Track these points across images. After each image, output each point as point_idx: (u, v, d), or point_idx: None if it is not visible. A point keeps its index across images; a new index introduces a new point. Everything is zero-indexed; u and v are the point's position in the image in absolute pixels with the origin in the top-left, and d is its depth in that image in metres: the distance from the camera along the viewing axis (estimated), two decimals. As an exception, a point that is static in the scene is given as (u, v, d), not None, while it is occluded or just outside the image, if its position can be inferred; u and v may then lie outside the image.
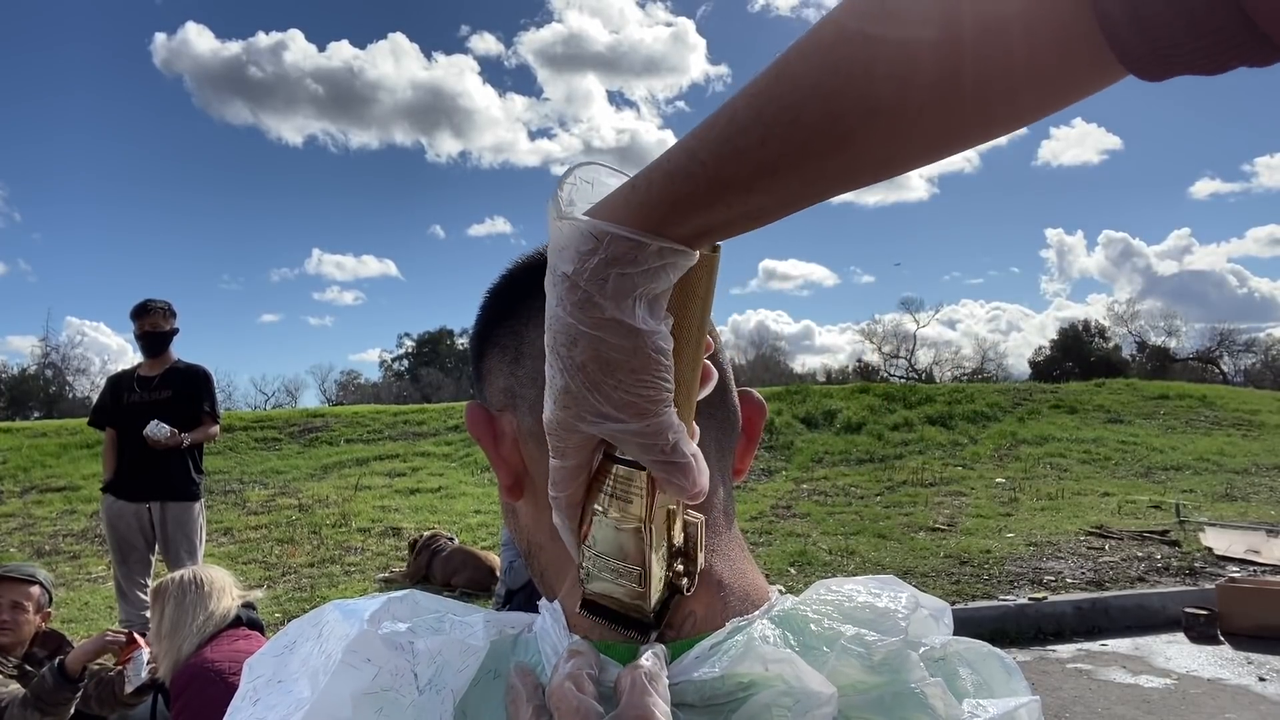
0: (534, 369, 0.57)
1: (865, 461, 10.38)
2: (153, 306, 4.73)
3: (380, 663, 0.47)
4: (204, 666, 2.24)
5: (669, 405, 0.44)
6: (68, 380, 37.18)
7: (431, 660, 0.48)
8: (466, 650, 0.48)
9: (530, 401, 0.57)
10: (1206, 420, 12.28)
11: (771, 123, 0.40)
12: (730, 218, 0.43)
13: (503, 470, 0.59)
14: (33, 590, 3.03)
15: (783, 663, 0.45)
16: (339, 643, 0.48)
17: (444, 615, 0.51)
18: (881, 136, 0.39)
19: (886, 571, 6.24)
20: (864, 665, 0.47)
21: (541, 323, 0.56)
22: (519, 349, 0.58)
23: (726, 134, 0.41)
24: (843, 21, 0.39)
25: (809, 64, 0.39)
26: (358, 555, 7.19)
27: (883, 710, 0.46)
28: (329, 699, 0.46)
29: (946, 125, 0.39)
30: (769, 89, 0.40)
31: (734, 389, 0.61)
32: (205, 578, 2.45)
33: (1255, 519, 7.42)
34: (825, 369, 46.86)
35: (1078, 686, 4.46)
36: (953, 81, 0.38)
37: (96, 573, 6.83)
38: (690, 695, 0.46)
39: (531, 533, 0.59)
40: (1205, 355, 39.51)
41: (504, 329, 0.59)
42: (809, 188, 0.42)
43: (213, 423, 4.84)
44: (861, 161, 0.40)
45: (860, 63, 0.38)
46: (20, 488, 9.72)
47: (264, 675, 0.50)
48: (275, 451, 11.29)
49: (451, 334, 50.74)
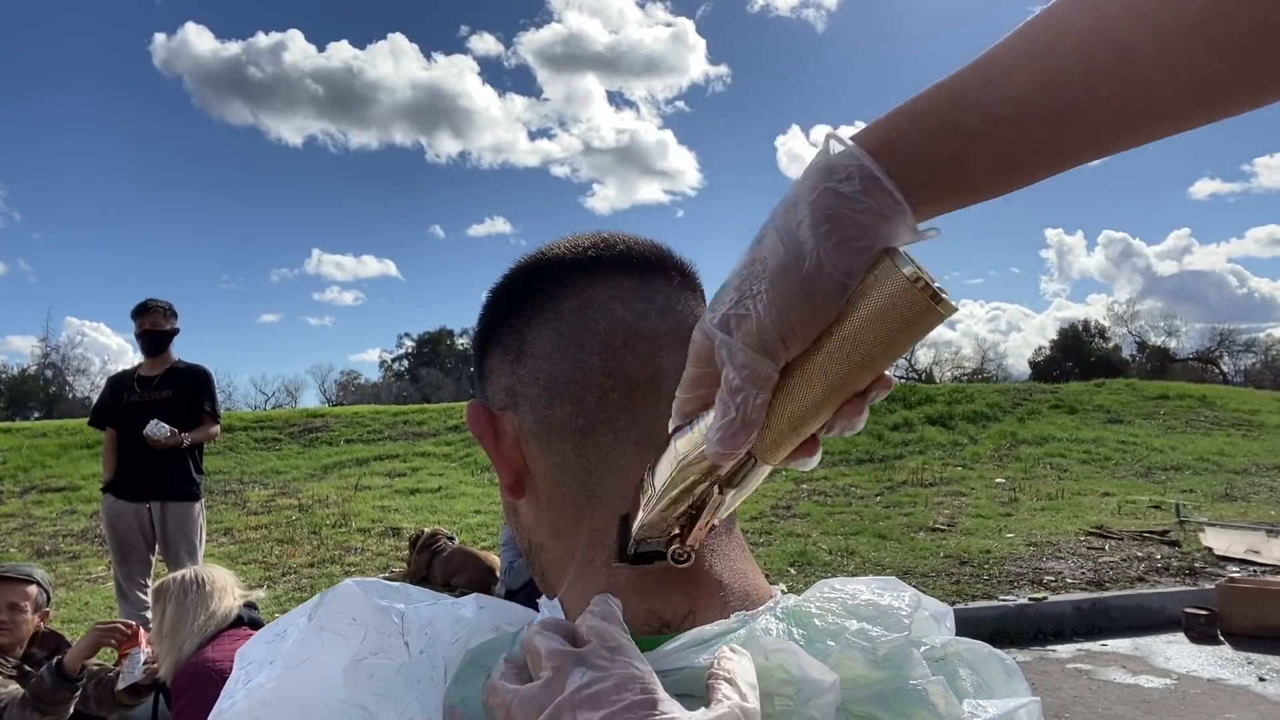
0: (535, 368, 0.57)
1: (865, 461, 10.38)
2: (153, 306, 4.73)
3: (366, 621, 0.47)
4: (205, 666, 2.25)
5: (780, 359, 0.41)
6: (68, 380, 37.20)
7: (423, 632, 0.48)
8: (459, 621, 0.49)
9: (531, 400, 0.57)
10: (1206, 420, 12.28)
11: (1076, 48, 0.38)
12: (983, 167, 0.41)
13: (503, 468, 0.59)
14: (30, 590, 3.03)
15: (782, 652, 0.45)
16: (331, 613, 0.49)
17: (437, 599, 0.51)
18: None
19: (886, 571, 6.23)
20: (868, 660, 0.47)
21: (542, 323, 0.57)
22: (521, 348, 0.58)
23: (1022, 63, 0.39)
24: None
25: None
26: (358, 555, 7.19)
27: (885, 705, 0.46)
28: (317, 668, 0.46)
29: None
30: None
31: None
32: (206, 577, 2.45)
33: (1255, 519, 7.41)
34: (825, 369, 46.83)
35: (1078, 687, 4.46)
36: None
37: (96, 573, 6.83)
38: (687, 686, 0.46)
39: (532, 531, 0.60)
40: (1205, 355, 39.51)
41: (506, 328, 0.59)
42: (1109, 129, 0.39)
43: (213, 422, 4.84)
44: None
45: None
46: (20, 488, 9.72)
47: (256, 660, 0.50)
48: (275, 451, 11.29)
49: (451, 334, 50.78)
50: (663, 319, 0.57)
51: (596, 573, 0.53)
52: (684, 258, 0.62)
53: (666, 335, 0.56)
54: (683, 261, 0.61)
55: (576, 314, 0.56)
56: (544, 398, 0.56)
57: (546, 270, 0.59)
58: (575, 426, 0.55)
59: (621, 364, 0.55)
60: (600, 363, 0.55)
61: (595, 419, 0.55)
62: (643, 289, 0.57)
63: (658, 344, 0.56)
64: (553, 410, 0.56)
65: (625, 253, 0.59)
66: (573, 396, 0.55)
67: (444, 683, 0.47)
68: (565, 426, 0.55)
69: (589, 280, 0.57)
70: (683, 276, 0.60)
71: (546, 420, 0.56)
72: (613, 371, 0.55)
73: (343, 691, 0.45)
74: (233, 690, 0.49)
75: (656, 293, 0.58)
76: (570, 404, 0.55)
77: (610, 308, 0.56)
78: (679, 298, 0.58)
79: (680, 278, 0.60)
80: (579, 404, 0.55)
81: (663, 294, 0.58)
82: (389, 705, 0.45)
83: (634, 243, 0.60)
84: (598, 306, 0.56)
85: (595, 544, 0.54)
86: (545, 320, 0.57)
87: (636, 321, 0.56)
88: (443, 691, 0.46)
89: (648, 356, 0.55)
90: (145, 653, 2.80)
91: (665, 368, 0.55)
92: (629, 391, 0.55)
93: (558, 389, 0.56)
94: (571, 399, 0.55)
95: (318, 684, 0.46)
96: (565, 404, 0.55)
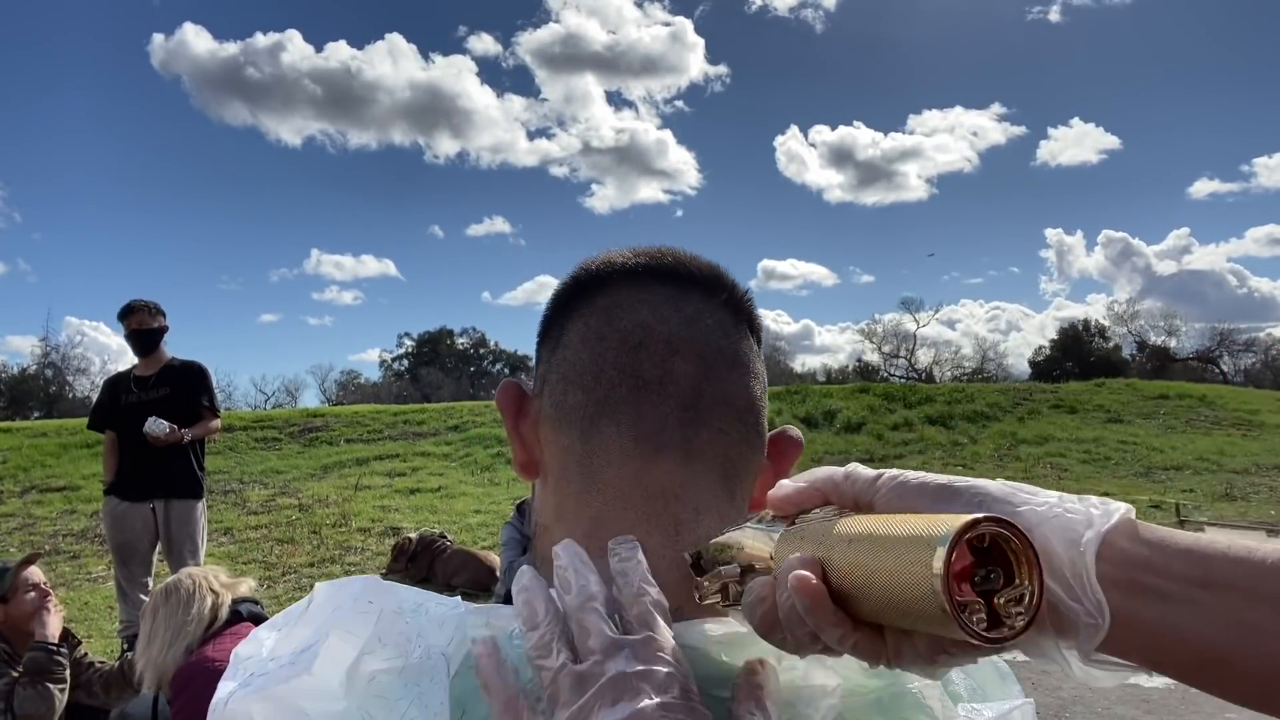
0: (562, 357, 0.60)
1: (865, 461, 10.36)
2: (138, 305, 4.72)
3: (366, 622, 0.47)
4: (204, 664, 2.25)
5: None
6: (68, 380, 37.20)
7: (420, 633, 0.48)
8: (446, 621, 0.49)
9: (552, 386, 0.60)
10: (1206, 420, 12.28)
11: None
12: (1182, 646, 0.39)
13: (518, 446, 0.62)
14: (37, 569, 3.10)
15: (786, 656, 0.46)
16: (327, 614, 0.49)
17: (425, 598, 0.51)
18: None
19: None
20: (863, 668, 0.47)
21: (577, 317, 0.61)
22: (559, 339, 0.61)
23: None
24: None
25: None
26: (358, 555, 7.19)
27: (881, 711, 0.47)
28: (315, 668, 0.46)
29: None
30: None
31: (764, 416, 0.62)
32: (175, 585, 2.46)
33: (1255, 519, 7.42)
34: (825, 369, 46.92)
35: (1077, 686, 4.46)
36: None
37: (96, 573, 6.84)
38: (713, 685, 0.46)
39: (540, 514, 0.62)
40: (1205, 355, 39.53)
41: (553, 323, 0.63)
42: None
43: (213, 417, 4.83)
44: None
45: None
46: (20, 488, 9.73)
47: (254, 655, 0.50)
48: (275, 451, 11.29)
49: (451, 334, 50.79)
50: (685, 327, 0.58)
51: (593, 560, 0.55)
52: (741, 285, 0.64)
53: (684, 342, 0.58)
54: (734, 285, 0.63)
55: (605, 311, 0.59)
56: (561, 384, 0.59)
57: (595, 271, 0.62)
58: (583, 414, 0.57)
59: (635, 361, 0.57)
60: (615, 357, 0.57)
61: (602, 409, 0.57)
62: (676, 298, 0.60)
63: (673, 349, 0.57)
64: (567, 397, 0.58)
65: (674, 265, 0.61)
66: (584, 385, 0.58)
67: (446, 678, 0.47)
68: (575, 414, 0.58)
69: (627, 283, 0.60)
70: (730, 299, 0.62)
71: (560, 406, 0.59)
72: (624, 367, 0.57)
73: (341, 694, 0.45)
74: (227, 688, 0.49)
75: (689, 304, 0.60)
76: (582, 392, 0.58)
77: (636, 309, 0.59)
78: (713, 314, 0.60)
79: (727, 298, 0.62)
80: (589, 393, 0.57)
81: (694, 306, 0.60)
82: (389, 708, 0.46)
83: (689, 259, 0.62)
84: (626, 306, 0.59)
85: (593, 532, 0.55)
86: (580, 315, 0.60)
87: (658, 324, 0.58)
88: (445, 689, 0.47)
89: (661, 359, 0.57)
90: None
91: (675, 372, 0.57)
92: (637, 388, 0.57)
93: (574, 377, 0.58)
94: (583, 388, 0.58)
95: (314, 685, 0.46)
96: (577, 392, 0.58)
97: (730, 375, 0.59)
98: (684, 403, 0.56)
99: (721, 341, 0.59)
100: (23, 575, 2.99)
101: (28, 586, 2.98)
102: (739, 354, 0.60)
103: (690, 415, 0.56)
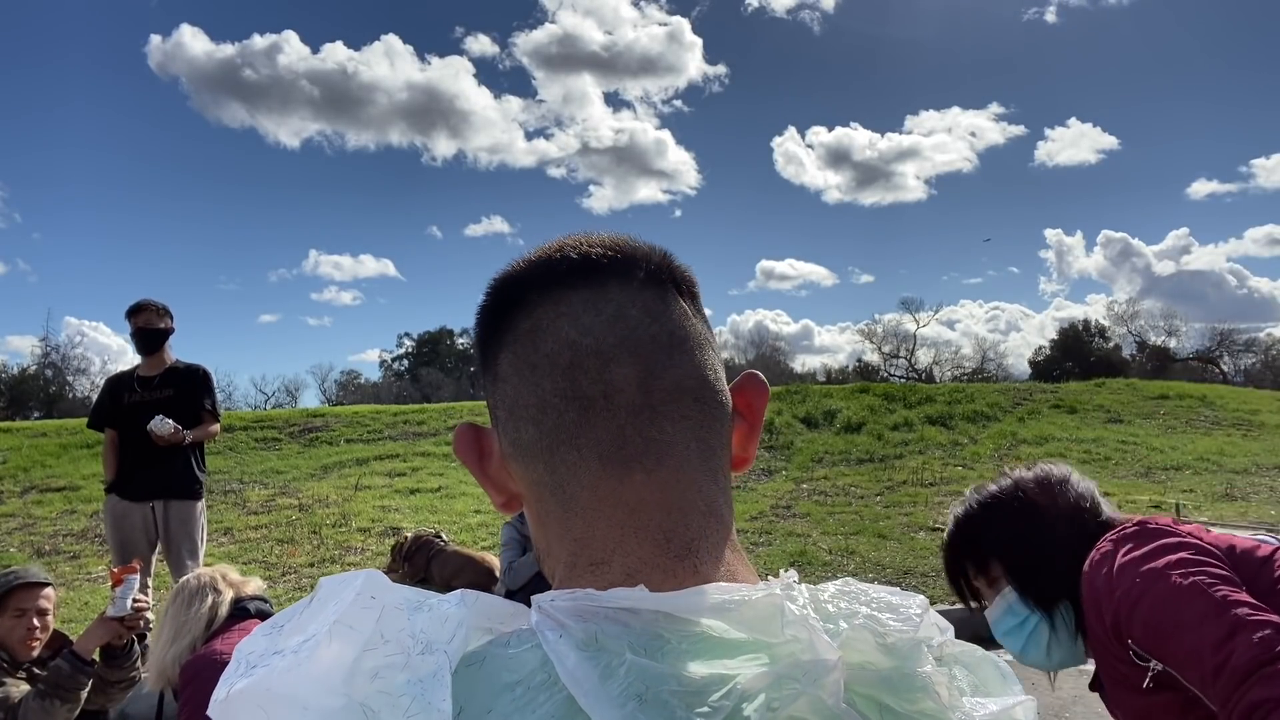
0: (502, 392, 0.58)
1: (865, 461, 10.38)
2: (147, 305, 4.74)
3: (367, 619, 0.47)
4: (211, 658, 2.28)
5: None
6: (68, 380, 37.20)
7: (421, 630, 0.48)
8: (448, 619, 0.49)
9: (503, 423, 0.59)
10: (1206, 420, 12.28)
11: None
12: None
13: (491, 490, 0.61)
14: (50, 593, 3.02)
15: (798, 625, 0.46)
16: (330, 609, 0.49)
17: (425, 597, 0.51)
18: None
19: (886, 571, 6.26)
20: (877, 644, 0.48)
21: (504, 346, 0.58)
22: (495, 370, 0.59)
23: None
24: None
25: None
26: (358, 555, 7.19)
27: (890, 689, 0.47)
28: (317, 664, 0.46)
29: None
30: None
31: (721, 380, 0.60)
32: (182, 585, 2.50)
33: (1255, 519, 7.42)
34: (825, 369, 46.94)
35: (1077, 686, 4.45)
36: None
37: (96, 573, 6.84)
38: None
39: (537, 540, 0.61)
40: (1205, 355, 39.52)
41: (487, 353, 0.61)
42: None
43: (213, 421, 4.85)
44: None
45: None
46: (20, 488, 9.72)
47: (256, 650, 0.50)
48: (275, 451, 11.29)
49: (451, 334, 50.81)
50: (610, 331, 0.56)
51: (581, 576, 0.55)
52: (653, 248, 0.61)
53: (614, 347, 0.55)
54: (648, 255, 0.60)
55: (529, 335, 0.57)
56: (511, 421, 0.58)
57: (506, 291, 0.60)
58: (541, 447, 0.56)
59: (571, 383, 0.55)
60: (552, 384, 0.55)
61: (557, 439, 0.55)
62: (592, 300, 0.57)
63: (604, 359, 0.55)
64: (520, 433, 0.57)
65: (578, 262, 0.58)
66: (533, 419, 0.56)
67: (448, 675, 0.47)
68: (533, 448, 0.56)
69: (541, 298, 0.58)
70: (646, 273, 0.59)
71: (517, 443, 0.57)
72: (564, 392, 0.55)
73: (342, 689, 0.45)
74: (228, 682, 0.49)
75: (608, 301, 0.57)
76: (532, 425, 0.56)
77: (557, 326, 0.56)
78: (634, 301, 0.57)
79: (644, 275, 0.59)
80: (539, 425, 0.56)
81: (615, 301, 0.57)
82: (390, 704, 0.45)
83: (590, 248, 0.59)
84: (546, 326, 0.57)
85: (578, 552, 0.55)
86: (505, 343, 0.58)
87: (582, 338, 0.56)
88: (447, 686, 0.47)
89: (596, 373, 0.55)
90: (137, 583, 2.80)
91: (616, 382, 0.55)
92: (583, 410, 0.55)
93: (520, 412, 0.57)
94: (532, 421, 0.56)
95: (316, 680, 0.46)
96: (528, 426, 0.56)
97: (672, 360, 0.56)
98: (634, 408, 0.54)
99: (653, 329, 0.56)
100: (20, 596, 2.86)
101: (19, 610, 2.83)
102: (674, 333, 0.57)
103: (646, 417, 0.55)
